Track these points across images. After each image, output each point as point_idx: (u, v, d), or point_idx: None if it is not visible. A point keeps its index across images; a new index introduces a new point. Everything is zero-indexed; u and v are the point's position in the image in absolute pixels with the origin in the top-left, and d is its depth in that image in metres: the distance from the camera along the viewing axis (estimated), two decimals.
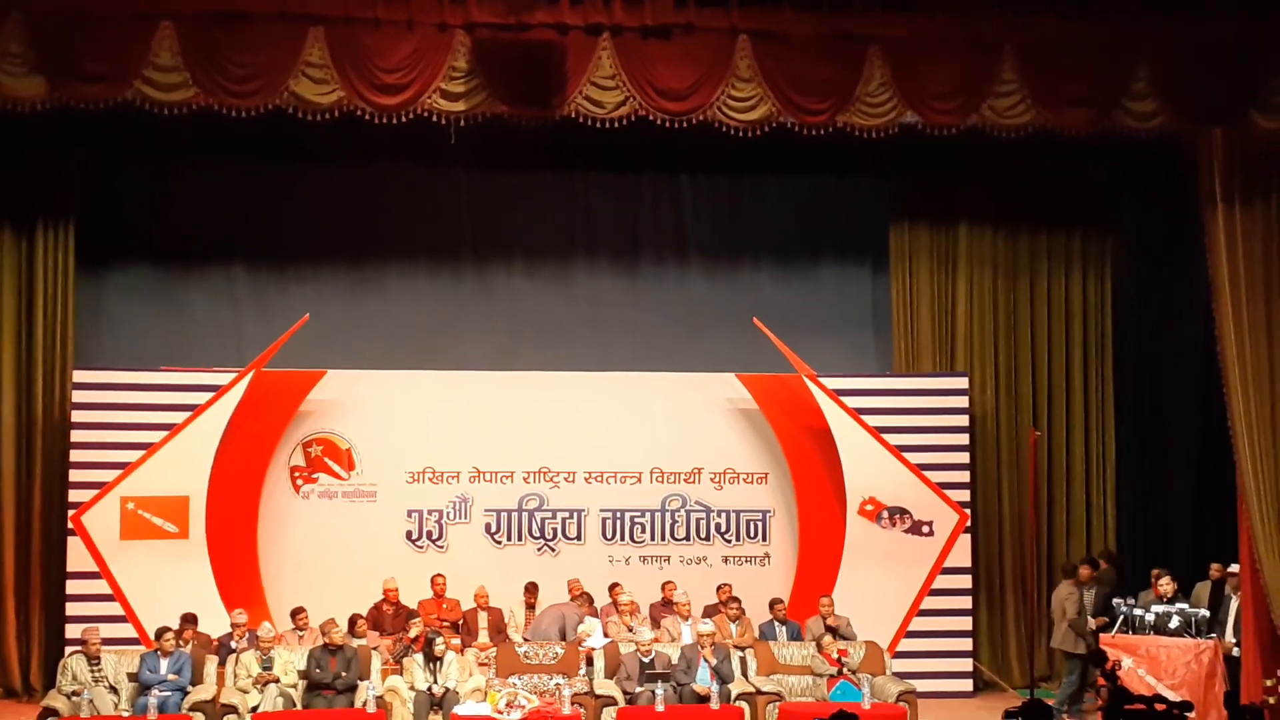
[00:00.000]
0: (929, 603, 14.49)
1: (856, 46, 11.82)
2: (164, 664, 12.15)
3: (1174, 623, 12.51)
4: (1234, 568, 12.81)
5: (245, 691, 12.20)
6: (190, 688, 12.12)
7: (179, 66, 11.28)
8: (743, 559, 14.88)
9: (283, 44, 11.39)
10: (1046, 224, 15.37)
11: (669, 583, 14.16)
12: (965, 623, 14.61)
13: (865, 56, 11.81)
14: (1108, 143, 12.74)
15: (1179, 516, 15.01)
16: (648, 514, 14.87)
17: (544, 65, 11.54)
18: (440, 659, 12.34)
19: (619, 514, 14.85)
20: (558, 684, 12.38)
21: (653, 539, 14.85)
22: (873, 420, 14.50)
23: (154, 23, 11.21)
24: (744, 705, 12.23)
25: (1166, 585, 12.90)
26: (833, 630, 13.16)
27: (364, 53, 11.47)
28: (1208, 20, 11.86)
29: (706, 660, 12.43)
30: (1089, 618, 13.34)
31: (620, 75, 11.68)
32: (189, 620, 12.99)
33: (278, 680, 12.25)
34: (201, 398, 13.99)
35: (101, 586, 13.75)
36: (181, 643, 12.56)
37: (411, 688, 12.21)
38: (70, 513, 13.82)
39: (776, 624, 13.55)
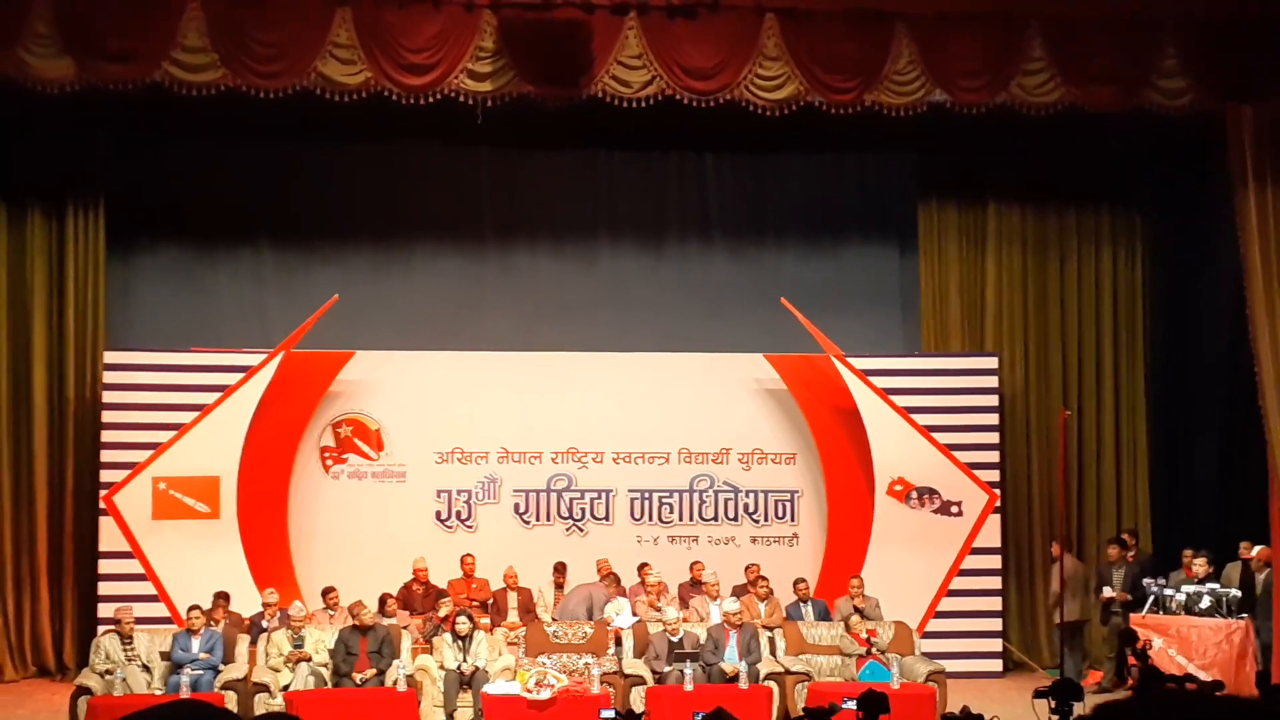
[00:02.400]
0: (958, 583, 14.44)
1: (883, 24, 11.80)
2: (195, 643, 12.21)
3: (1204, 602, 12.46)
4: (1256, 549, 12.77)
5: (277, 670, 12.25)
6: (222, 666, 12.18)
7: (206, 47, 11.34)
8: (771, 539, 14.87)
9: (310, 24, 11.44)
10: (1076, 202, 15.26)
11: (697, 563, 14.15)
12: (995, 603, 14.56)
13: (892, 34, 11.79)
14: (1137, 120, 12.66)
15: (1206, 496, 14.94)
16: (676, 494, 14.86)
17: (570, 45, 11.54)
18: (467, 637, 12.37)
19: (647, 494, 14.85)
20: (586, 663, 12.40)
21: (681, 519, 14.85)
22: (901, 400, 14.45)
23: (182, 3, 11.25)
24: (772, 685, 12.22)
25: (1201, 566, 12.85)
26: (860, 611, 13.14)
27: (391, 33, 11.50)
28: None
29: (734, 649, 12.36)
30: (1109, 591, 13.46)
31: (647, 55, 11.69)
32: (221, 597, 13.09)
33: (309, 659, 12.30)
34: (232, 378, 14.06)
35: (133, 566, 13.84)
36: (214, 621, 12.66)
37: (441, 667, 12.24)
38: (102, 493, 13.90)
39: (801, 604, 13.53)
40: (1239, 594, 12.56)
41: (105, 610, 13.43)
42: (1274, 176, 12.29)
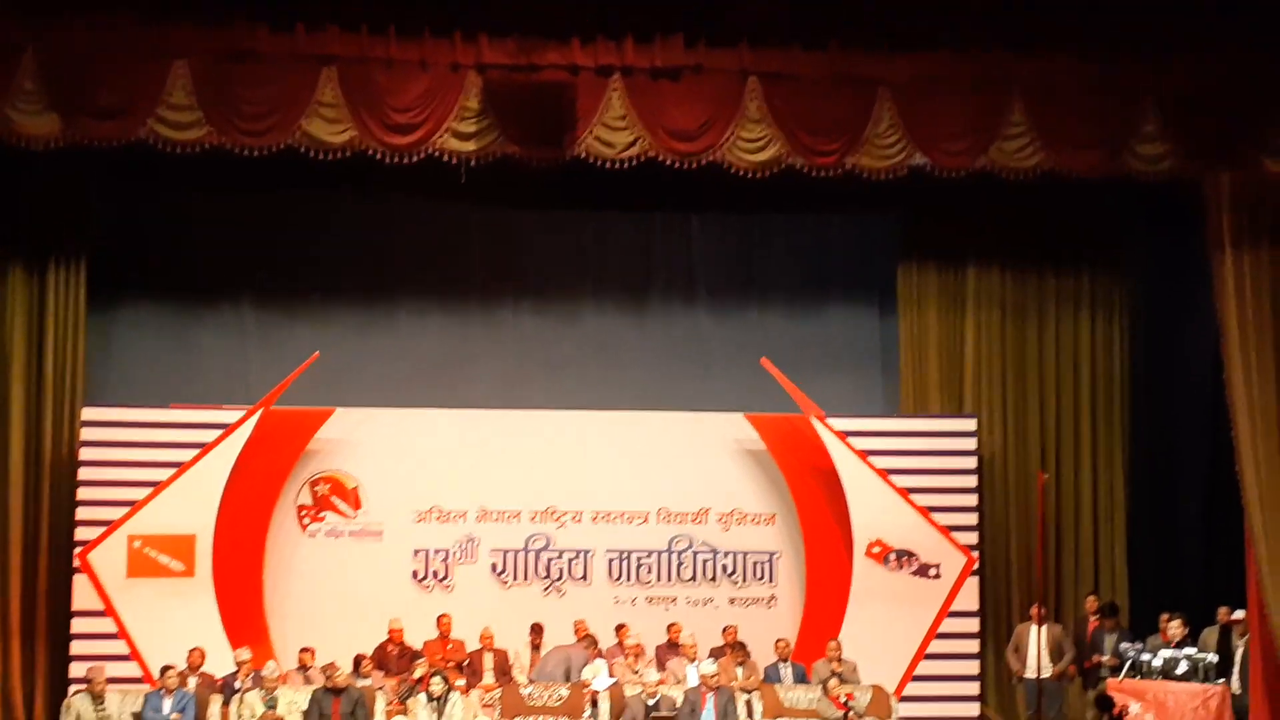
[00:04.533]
0: (936, 646, 14.43)
1: (866, 87, 11.91)
2: (167, 703, 12.13)
3: (1182, 668, 12.46)
4: (1239, 613, 12.79)
5: None
6: None
7: (193, 105, 11.37)
8: (749, 601, 14.81)
9: (296, 83, 11.49)
10: (1055, 264, 15.35)
11: (675, 624, 14.10)
12: (972, 666, 14.55)
13: (874, 97, 11.89)
14: (1117, 182, 12.78)
15: (1186, 560, 14.97)
16: (654, 555, 14.81)
17: (555, 106, 11.62)
18: (442, 699, 12.27)
19: (625, 554, 14.79)
20: None
21: (659, 580, 14.79)
22: (880, 462, 14.48)
23: (168, 61, 11.31)
24: None
25: (1176, 629, 12.87)
26: (838, 675, 13.10)
27: (376, 92, 11.56)
28: (1216, 64, 11.92)
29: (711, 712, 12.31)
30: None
31: (631, 116, 11.77)
32: (197, 650, 13.02)
33: None
34: (210, 435, 14.00)
35: (107, 625, 13.71)
36: (191, 668, 12.59)
37: None
38: (77, 550, 13.79)
39: (780, 665, 13.50)
40: (1216, 659, 12.57)
41: (77, 669, 13.32)
42: (1251, 242, 12.42)
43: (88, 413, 14.09)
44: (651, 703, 12.47)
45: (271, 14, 11.38)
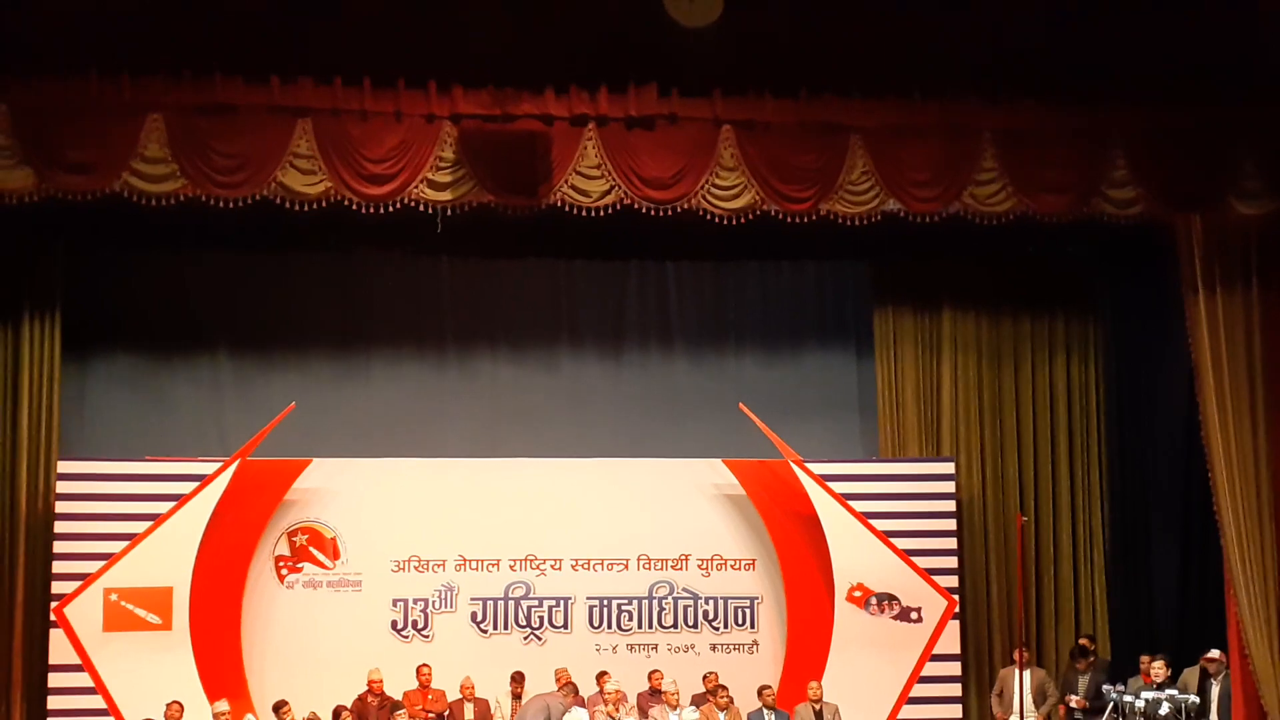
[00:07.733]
0: (919, 690, 14.36)
1: (838, 135, 11.99)
2: None
3: (1164, 709, 12.45)
4: (1214, 653, 12.80)
5: None
6: None
7: (167, 158, 11.37)
8: (731, 647, 14.77)
9: (271, 135, 11.50)
10: (1030, 307, 15.42)
11: (656, 671, 14.03)
12: (955, 710, 14.50)
13: (847, 145, 11.97)
14: (1091, 225, 12.85)
15: (1165, 601, 14.97)
16: (635, 601, 14.76)
17: (530, 155, 11.68)
18: None
19: (606, 602, 14.74)
20: None
21: (640, 627, 14.73)
22: (859, 505, 14.45)
23: (142, 114, 11.32)
24: None
25: (1159, 671, 12.88)
26: (820, 717, 13.06)
27: (351, 143, 11.59)
28: (1185, 107, 12.02)
29: None
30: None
31: (605, 165, 11.83)
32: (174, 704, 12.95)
33: None
34: (186, 487, 13.90)
35: (84, 679, 13.55)
36: None
37: None
38: (53, 605, 13.68)
39: (765, 712, 13.45)
40: (1197, 700, 12.57)
41: None
42: (1224, 284, 12.51)
43: (63, 466, 14.00)
44: None
45: (246, 67, 11.39)
